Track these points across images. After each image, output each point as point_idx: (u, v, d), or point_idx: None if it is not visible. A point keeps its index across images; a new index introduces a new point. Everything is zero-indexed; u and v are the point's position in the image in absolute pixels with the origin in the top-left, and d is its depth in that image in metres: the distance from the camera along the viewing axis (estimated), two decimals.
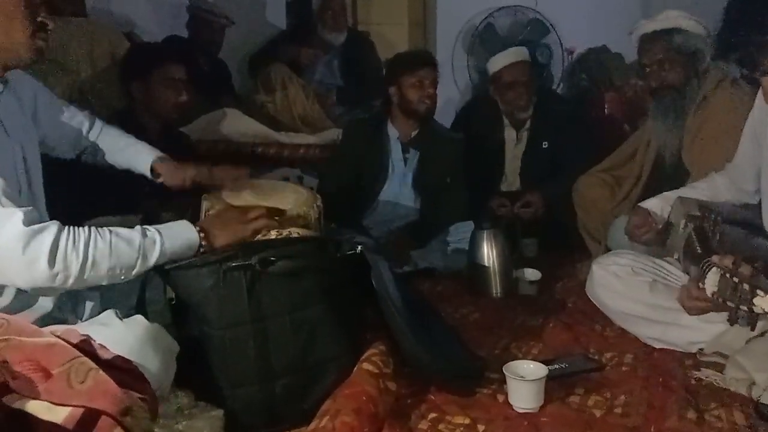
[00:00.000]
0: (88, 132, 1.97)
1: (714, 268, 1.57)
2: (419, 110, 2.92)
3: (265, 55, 3.98)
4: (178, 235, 1.55)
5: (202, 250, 1.58)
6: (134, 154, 2.01)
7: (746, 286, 1.47)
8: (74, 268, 1.38)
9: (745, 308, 1.48)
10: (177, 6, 4.00)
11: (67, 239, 1.38)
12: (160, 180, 1.99)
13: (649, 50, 2.50)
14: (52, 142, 1.84)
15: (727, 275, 1.51)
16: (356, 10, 4.39)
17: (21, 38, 1.46)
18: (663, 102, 2.52)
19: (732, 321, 1.56)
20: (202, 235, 1.58)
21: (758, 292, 1.46)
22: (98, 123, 2.00)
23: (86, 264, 1.39)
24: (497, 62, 3.30)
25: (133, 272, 1.48)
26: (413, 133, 2.99)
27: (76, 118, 1.94)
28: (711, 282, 1.57)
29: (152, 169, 1.98)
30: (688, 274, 1.89)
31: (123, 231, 1.48)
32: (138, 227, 1.51)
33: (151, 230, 1.51)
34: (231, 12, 3.97)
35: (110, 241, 1.43)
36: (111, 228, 1.47)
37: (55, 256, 1.35)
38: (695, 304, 1.79)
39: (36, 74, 2.72)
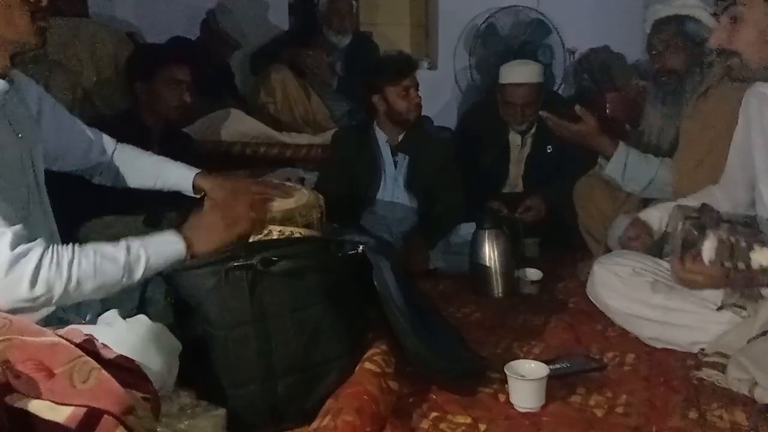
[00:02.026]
0: (100, 148, 1.89)
1: (711, 236, 1.57)
2: (409, 119, 2.91)
3: (267, 55, 3.99)
4: (164, 249, 1.54)
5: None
6: (169, 173, 1.92)
7: (743, 244, 1.48)
8: (57, 290, 1.38)
9: (743, 265, 1.48)
10: (191, 16, 4.04)
11: (50, 262, 1.37)
12: (202, 195, 1.89)
13: (658, 32, 2.49)
14: (55, 151, 1.78)
15: (724, 237, 1.52)
16: (359, 11, 4.40)
17: (23, 24, 1.45)
18: (662, 87, 2.52)
19: (731, 285, 1.56)
20: (187, 242, 1.56)
21: (754, 246, 1.46)
22: (111, 141, 1.92)
23: (69, 285, 1.39)
24: (506, 75, 3.25)
25: (119, 288, 1.48)
26: (401, 137, 2.99)
27: (83, 130, 1.87)
28: (708, 249, 1.57)
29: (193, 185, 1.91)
30: None
31: (108, 249, 1.46)
32: (123, 243, 1.49)
33: (136, 245, 1.50)
34: (240, 22, 4.01)
35: (94, 262, 1.42)
36: (95, 247, 1.45)
37: (37, 279, 1.35)
38: (689, 276, 1.79)
39: (38, 74, 2.75)
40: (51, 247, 1.39)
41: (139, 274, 1.49)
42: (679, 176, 2.41)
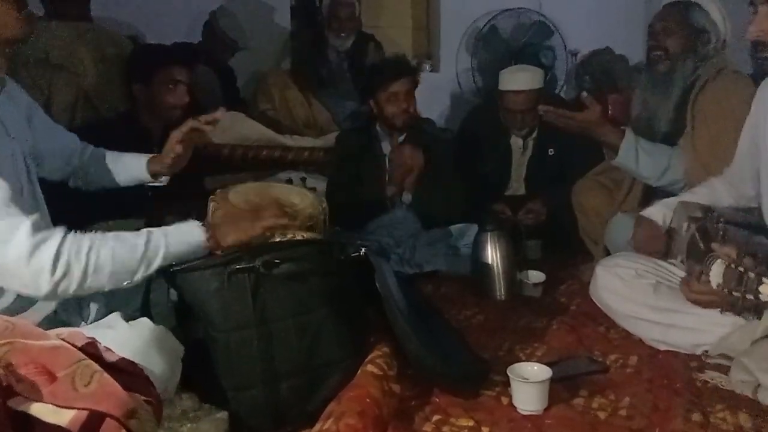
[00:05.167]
0: (80, 152, 1.94)
1: (719, 260, 1.57)
2: (396, 124, 2.94)
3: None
4: (183, 238, 1.55)
5: (208, 248, 1.57)
6: (128, 163, 1.97)
7: (752, 275, 1.48)
8: (76, 275, 1.39)
9: (751, 296, 1.48)
10: (193, 20, 4.06)
11: (70, 247, 1.39)
12: (162, 177, 1.97)
13: (662, 14, 2.48)
14: (42, 154, 1.78)
15: (732, 265, 1.52)
16: (360, 13, 4.41)
17: (11, 20, 1.45)
18: (654, 72, 2.50)
19: (738, 311, 1.55)
20: (209, 233, 1.57)
21: (764, 279, 1.46)
22: (88, 145, 1.97)
23: (88, 270, 1.40)
24: (505, 82, 3.21)
25: (136, 277, 1.49)
26: (401, 138, 3.00)
27: (67, 136, 1.92)
28: (716, 274, 1.57)
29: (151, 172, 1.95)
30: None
31: (127, 236, 1.48)
32: (144, 231, 1.51)
33: (156, 234, 1.51)
34: (241, 24, 4.01)
35: (112, 248, 1.44)
36: (116, 233, 1.47)
37: (57, 263, 1.37)
38: (696, 297, 1.79)
39: (41, 78, 2.76)
40: (71, 233, 1.41)
41: (157, 263, 1.50)
42: (690, 169, 2.38)
